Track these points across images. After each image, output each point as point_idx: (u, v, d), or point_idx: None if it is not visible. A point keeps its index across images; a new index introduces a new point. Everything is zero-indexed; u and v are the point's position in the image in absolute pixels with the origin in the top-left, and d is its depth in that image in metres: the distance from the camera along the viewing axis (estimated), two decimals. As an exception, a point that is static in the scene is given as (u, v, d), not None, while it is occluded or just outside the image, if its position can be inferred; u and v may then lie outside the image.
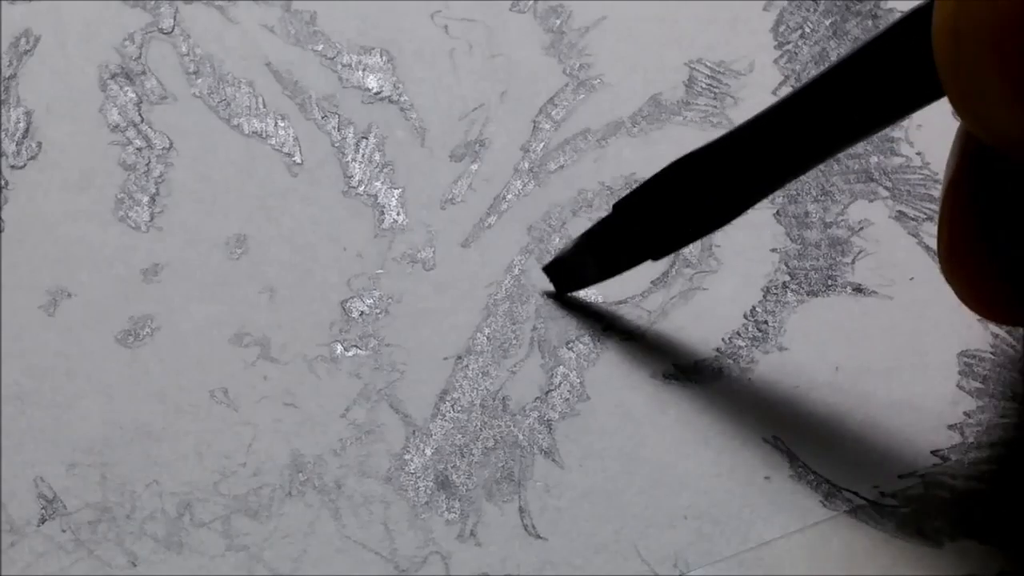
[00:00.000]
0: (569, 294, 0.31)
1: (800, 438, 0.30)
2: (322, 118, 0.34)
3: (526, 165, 0.33)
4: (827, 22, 0.35)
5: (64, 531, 0.29)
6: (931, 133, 0.33)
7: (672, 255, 0.32)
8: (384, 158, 0.33)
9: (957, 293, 0.25)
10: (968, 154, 0.24)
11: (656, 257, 0.29)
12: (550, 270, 0.31)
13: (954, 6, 0.19)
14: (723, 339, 0.31)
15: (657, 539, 0.29)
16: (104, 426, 0.30)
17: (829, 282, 0.32)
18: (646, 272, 0.32)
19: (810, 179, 0.33)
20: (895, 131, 0.33)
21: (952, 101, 0.21)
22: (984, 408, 0.30)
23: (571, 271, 0.31)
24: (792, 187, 0.33)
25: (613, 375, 0.31)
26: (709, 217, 0.28)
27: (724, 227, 0.31)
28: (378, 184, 0.33)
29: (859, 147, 0.33)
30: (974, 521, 0.29)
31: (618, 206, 0.29)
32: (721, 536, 0.29)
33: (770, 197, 0.32)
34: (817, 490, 0.29)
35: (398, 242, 0.32)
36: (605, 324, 0.31)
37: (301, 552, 0.29)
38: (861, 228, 0.32)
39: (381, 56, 0.35)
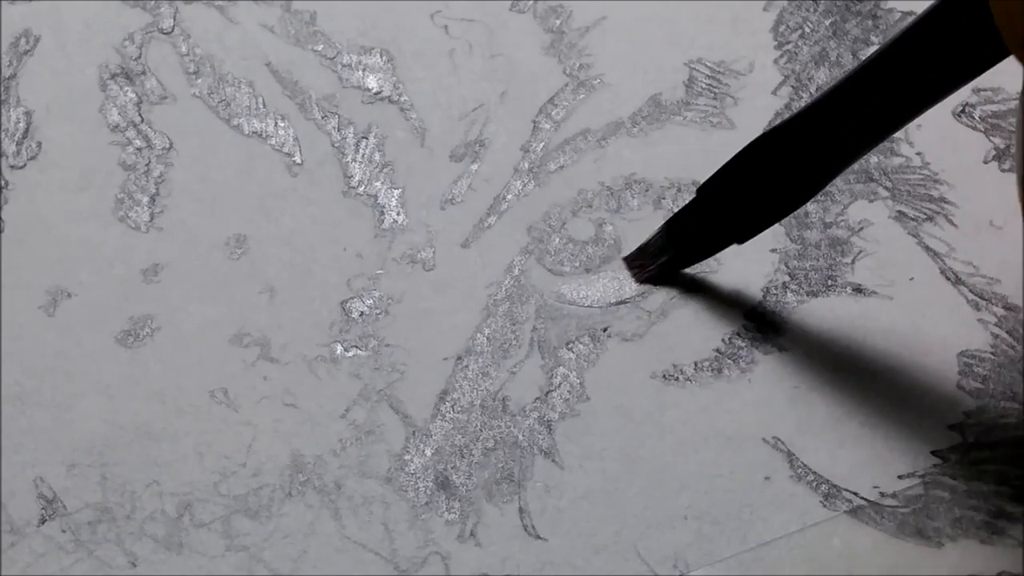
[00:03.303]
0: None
1: (800, 438, 0.30)
2: (322, 118, 0.34)
3: (526, 165, 0.33)
4: (827, 22, 0.35)
5: (64, 531, 0.29)
6: (931, 133, 0.33)
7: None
8: (384, 158, 0.33)
9: None
10: None
11: (741, 240, 0.29)
12: (631, 260, 0.31)
13: None
14: (723, 339, 0.31)
15: (657, 539, 0.29)
16: (104, 426, 0.30)
17: (829, 282, 0.32)
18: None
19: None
20: (895, 131, 0.33)
21: (1011, 47, 0.21)
22: (984, 408, 0.30)
23: (653, 260, 0.31)
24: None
25: (613, 375, 0.31)
26: (795, 193, 0.28)
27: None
28: (378, 184, 0.33)
29: (859, 147, 0.33)
30: (974, 521, 0.29)
31: (702, 189, 0.29)
32: (721, 536, 0.29)
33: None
34: (817, 490, 0.29)
35: (398, 242, 0.32)
36: (605, 324, 0.31)
37: (301, 552, 0.29)
38: (861, 228, 0.32)
39: (381, 56, 0.35)
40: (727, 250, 0.32)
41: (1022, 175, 0.24)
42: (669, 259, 0.31)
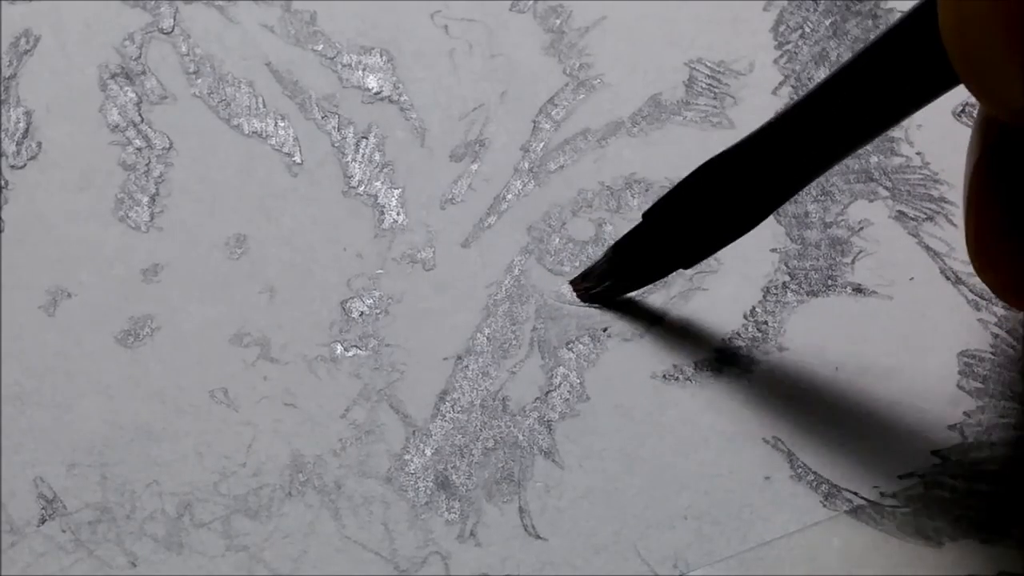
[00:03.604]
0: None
1: (800, 438, 0.30)
2: (322, 118, 0.34)
3: (526, 165, 0.33)
4: (827, 22, 0.35)
5: (64, 531, 0.29)
6: (931, 133, 0.33)
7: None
8: (384, 158, 0.33)
9: (990, 285, 0.25)
10: (990, 139, 0.24)
11: (687, 266, 0.29)
12: (576, 283, 0.31)
13: None
14: (723, 339, 0.31)
15: (657, 539, 0.29)
16: (104, 426, 0.30)
17: (829, 282, 0.32)
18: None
19: (810, 179, 0.33)
20: (895, 131, 0.33)
21: (965, 81, 0.21)
22: (984, 408, 0.30)
23: (600, 283, 0.31)
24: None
25: (613, 375, 0.31)
26: (740, 220, 0.28)
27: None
28: (378, 184, 0.33)
29: (859, 147, 0.33)
30: (974, 521, 0.29)
31: (647, 214, 0.29)
32: (721, 536, 0.29)
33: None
34: (817, 490, 0.29)
35: (398, 242, 0.32)
36: (605, 324, 0.31)
37: (301, 552, 0.29)
38: (861, 228, 0.32)
39: (381, 56, 0.35)
40: (727, 250, 0.32)
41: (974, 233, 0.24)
42: (613, 283, 0.31)
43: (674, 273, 0.32)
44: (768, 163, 0.26)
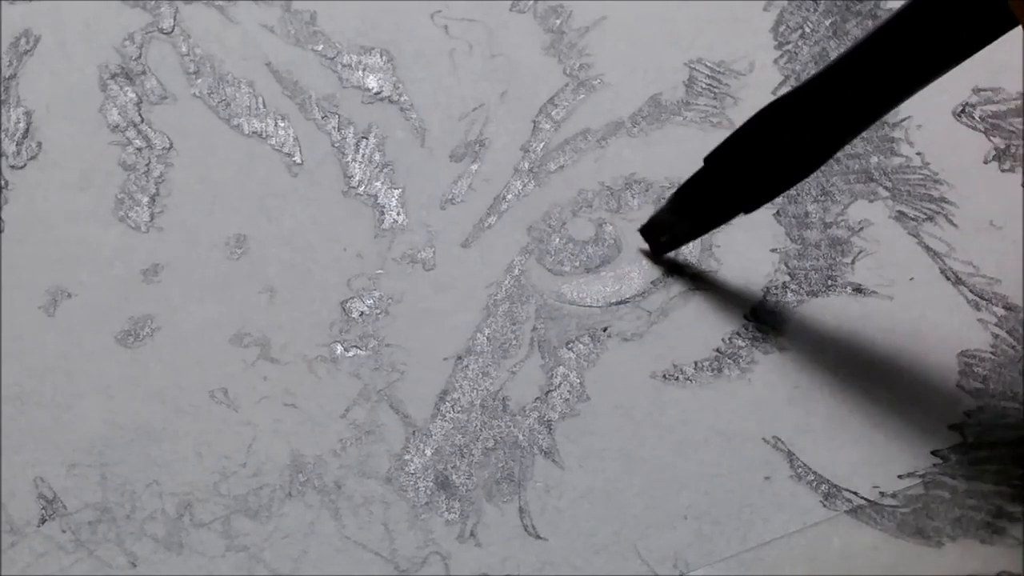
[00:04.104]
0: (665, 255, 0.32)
1: (800, 438, 0.30)
2: (322, 118, 0.34)
3: (526, 165, 0.33)
4: (827, 22, 0.35)
5: (64, 531, 0.29)
6: (931, 133, 0.33)
7: (674, 254, 0.32)
8: (384, 158, 0.33)
9: None
10: None
11: (748, 210, 0.29)
12: (646, 232, 0.31)
13: None
14: (723, 339, 0.31)
15: (657, 539, 0.29)
16: (104, 426, 0.30)
17: (829, 282, 0.32)
18: (646, 272, 0.32)
19: (810, 179, 0.33)
20: (895, 131, 0.33)
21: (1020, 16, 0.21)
22: (984, 408, 0.30)
23: (665, 231, 0.31)
24: (792, 187, 0.33)
25: (613, 375, 0.31)
26: (800, 163, 0.28)
27: (729, 224, 0.31)
28: (378, 184, 0.33)
29: (859, 147, 0.33)
30: (974, 521, 0.29)
31: (709, 159, 0.29)
32: (721, 536, 0.29)
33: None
34: (817, 490, 0.29)
35: (398, 242, 0.32)
36: (605, 324, 0.31)
37: (301, 552, 0.29)
38: (861, 228, 0.32)
39: (381, 56, 0.35)
40: (727, 250, 0.32)
41: None
42: (678, 231, 0.31)
43: (675, 273, 0.32)
44: (828, 105, 0.26)
